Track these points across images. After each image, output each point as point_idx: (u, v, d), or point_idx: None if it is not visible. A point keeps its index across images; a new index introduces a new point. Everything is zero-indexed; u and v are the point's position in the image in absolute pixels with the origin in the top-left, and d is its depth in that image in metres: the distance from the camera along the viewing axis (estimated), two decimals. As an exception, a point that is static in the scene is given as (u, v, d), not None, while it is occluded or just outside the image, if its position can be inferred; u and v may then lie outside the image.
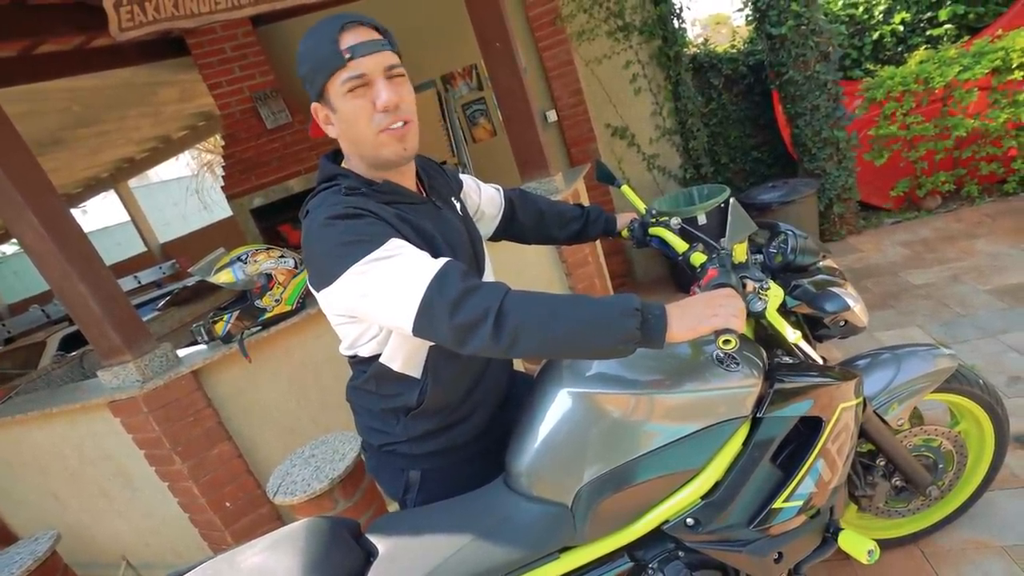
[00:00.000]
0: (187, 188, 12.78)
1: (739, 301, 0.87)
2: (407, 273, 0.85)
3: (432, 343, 1.03)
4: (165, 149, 7.78)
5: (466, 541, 0.97)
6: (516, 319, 0.82)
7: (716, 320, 0.84)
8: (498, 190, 1.36)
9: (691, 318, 0.84)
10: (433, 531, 1.00)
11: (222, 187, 4.02)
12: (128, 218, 9.42)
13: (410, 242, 0.91)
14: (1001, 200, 3.56)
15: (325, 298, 0.96)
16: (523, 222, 1.39)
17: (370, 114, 0.94)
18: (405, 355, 1.03)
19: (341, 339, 1.08)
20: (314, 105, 0.99)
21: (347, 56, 0.90)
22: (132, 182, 9.32)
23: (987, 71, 3.20)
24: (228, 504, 2.07)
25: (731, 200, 0.98)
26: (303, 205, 1.02)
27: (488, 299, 0.83)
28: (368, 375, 1.07)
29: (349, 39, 0.91)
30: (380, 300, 0.87)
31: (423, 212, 1.04)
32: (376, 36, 0.93)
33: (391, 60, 0.94)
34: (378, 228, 0.90)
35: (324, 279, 0.91)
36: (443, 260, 0.88)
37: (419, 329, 0.86)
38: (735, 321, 0.84)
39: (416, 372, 1.05)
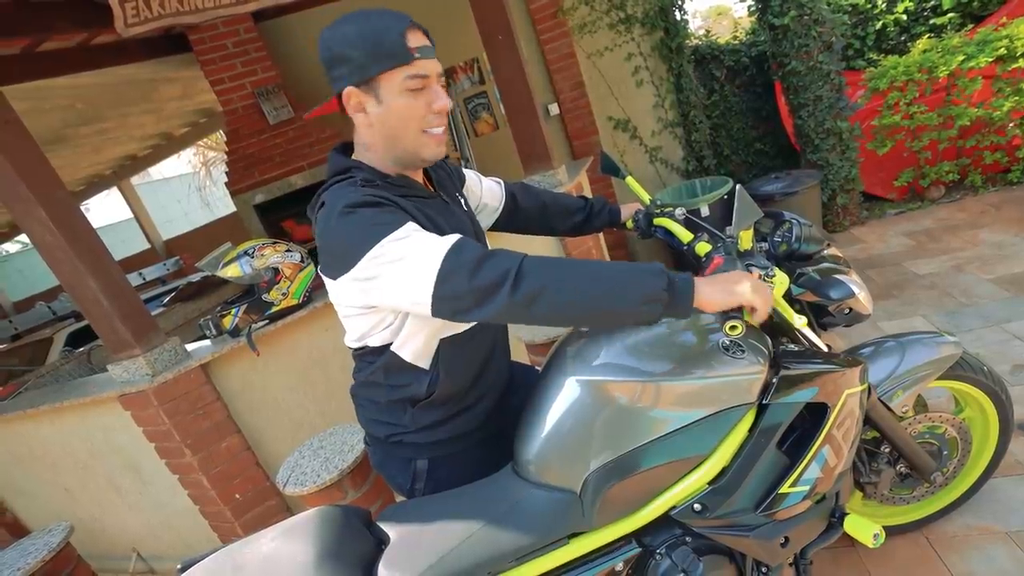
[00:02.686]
0: (189, 185, 12.81)
1: (766, 287, 0.89)
2: (424, 248, 0.86)
3: (442, 337, 1.04)
4: (167, 146, 7.78)
5: (476, 528, 0.98)
6: (537, 278, 0.82)
7: (747, 295, 0.86)
8: (499, 183, 1.37)
9: (721, 290, 0.86)
10: (443, 518, 1.01)
11: (225, 183, 4.04)
12: (131, 215, 9.43)
13: (425, 229, 0.92)
14: (1005, 189, 3.55)
15: (340, 286, 0.96)
16: (526, 214, 1.40)
17: (422, 114, 0.97)
18: (417, 344, 1.04)
19: (349, 331, 1.08)
20: (350, 89, 0.95)
21: (415, 55, 0.92)
22: (134, 179, 9.33)
23: (991, 59, 3.19)
24: (238, 496, 2.09)
25: (737, 187, 0.99)
26: (316, 198, 1.02)
27: (507, 261, 0.84)
28: (377, 366, 1.08)
29: (414, 39, 0.93)
30: (398, 277, 0.87)
31: (434, 207, 1.05)
32: (429, 43, 0.96)
33: (440, 68, 0.98)
34: (395, 215, 0.91)
35: (342, 266, 0.91)
36: (456, 235, 0.89)
37: (438, 300, 0.85)
38: (761, 303, 0.87)
39: (425, 363, 1.06)
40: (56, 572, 1.83)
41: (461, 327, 1.06)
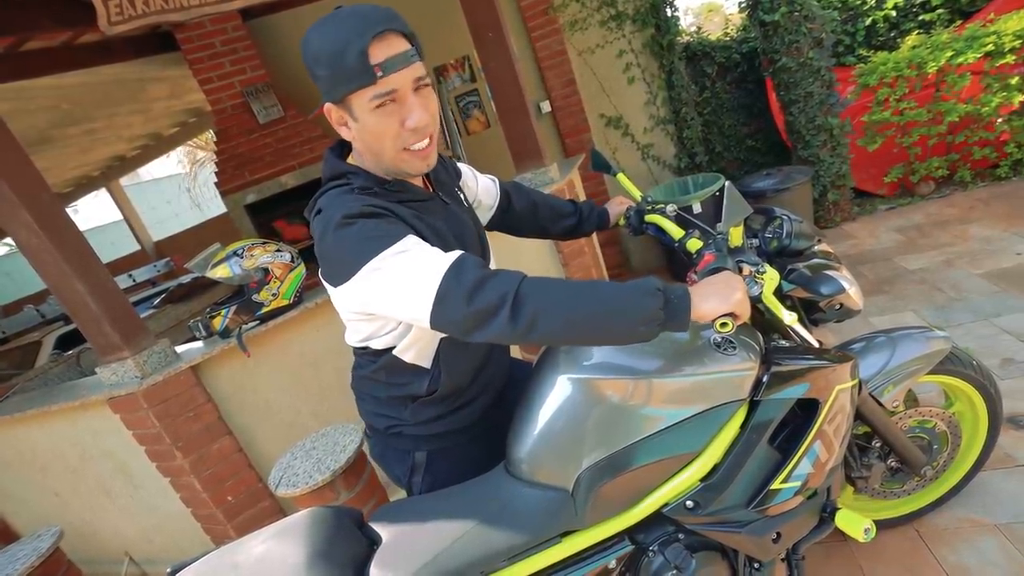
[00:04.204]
0: (179, 186, 12.71)
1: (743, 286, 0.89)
2: (423, 265, 0.85)
3: (443, 336, 1.03)
4: (156, 147, 7.71)
5: (469, 527, 0.98)
6: (534, 303, 0.82)
7: (741, 305, 0.86)
8: (494, 181, 1.37)
9: (717, 300, 0.85)
10: (435, 518, 1.01)
11: (215, 183, 4.00)
12: (121, 217, 9.35)
13: (425, 239, 0.91)
14: (994, 184, 3.58)
15: (340, 295, 0.95)
16: (518, 213, 1.40)
17: (396, 131, 0.92)
18: (419, 347, 1.04)
19: (350, 332, 1.08)
20: (328, 106, 0.93)
21: (379, 74, 0.85)
22: (124, 180, 9.24)
23: (980, 55, 3.21)
24: (230, 498, 2.08)
25: (726, 184, 0.99)
26: (312, 202, 1.01)
27: (505, 285, 0.83)
28: (378, 366, 1.08)
29: (379, 52, 0.85)
30: (397, 294, 0.86)
31: (433, 209, 1.04)
32: (406, 46, 0.88)
33: (419, 72, 0.91)
34: (394, 227, 0.89)
35: (340, 276, 0.91)
36: (457, 252, 0.87)
37: (436, 319, 0.85)
38: (745, 310, 0.87)
39: (426, 363, 1.06)
40: (46, 578, 1.81)
41: None
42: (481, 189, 1.32)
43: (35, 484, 2.52)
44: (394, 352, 1.04)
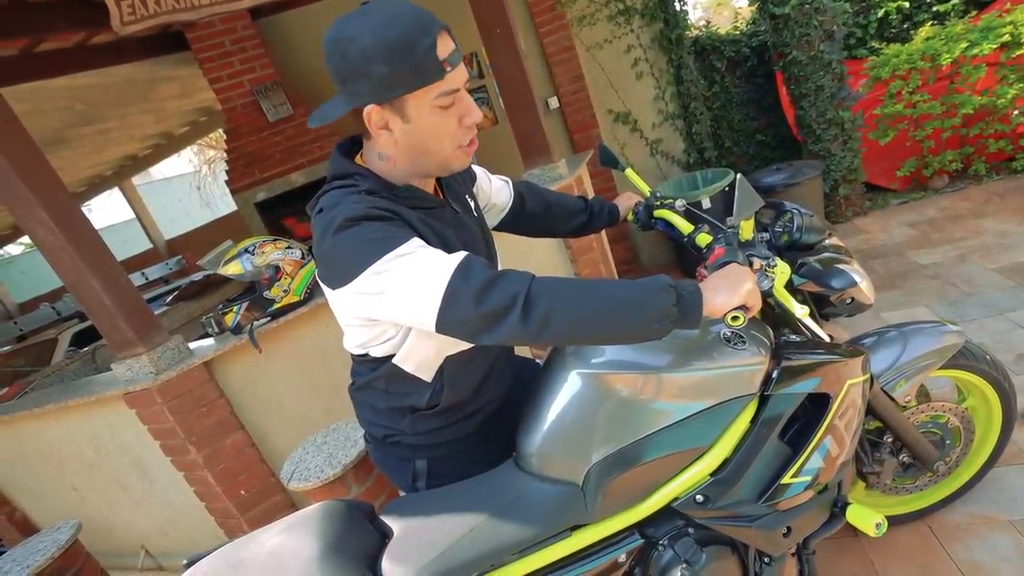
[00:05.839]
0: (190, 184, 12.84)
1: (752, 277, 0.89)
2: (428, 267, 0.83)
3: (448, 354, 1.02)
4: (167, 146, 7.80)
5: (479, 521, 0.98)
6: (546, 302, 0.80)
7: (752, 296, 0.86)
8: (507, 182, 1.35)
9: (727, 294, 0.85)
10: (446, 512, 1.02)
11: (226, 181, 4.04)
12: (133, 216, 9.46)
13: (430, 245, 0.89)
14: (1009, 178, 3.52)
15: (340, 297, 0.91)
16: (530, 215, 1.38)
17: (455, 130, 0.91)
18: (420, 358, 1.02)
19: (349, 338, 1.06)
20: (372, 107, 0.87)
21: (447, 69, 0.84)
22: (136, 179, 9.35)
23: (995, 46, 3.15)
24: (243, 492, 2.11)
25: (738, 176, 0.98)
26: (314, 201, 0.98)
27: (515, 285, 0.81)
28: (377, 374, 1.06)
29: (444, 48, 0.84)
30: (401, 297, 0.84)
31: (442, 217, 1.02)
32: (456, 45, 0.87)
33: (467, 73, 0.91)
34: (399, 229, 0.87)
35: (341, 279, 0.88)
36: (462, 253, 0.85)
37: (443, 322, 0.82)
38: (756, 301, 0.87)
39: (428, 376, 1.04)
40: (65, 569, 1.85)
41: (467, 344, 1.02)
42: (495, 191, 1.31)
43: (53, 479, 2.57)
44: (394, 361, 1.02)
